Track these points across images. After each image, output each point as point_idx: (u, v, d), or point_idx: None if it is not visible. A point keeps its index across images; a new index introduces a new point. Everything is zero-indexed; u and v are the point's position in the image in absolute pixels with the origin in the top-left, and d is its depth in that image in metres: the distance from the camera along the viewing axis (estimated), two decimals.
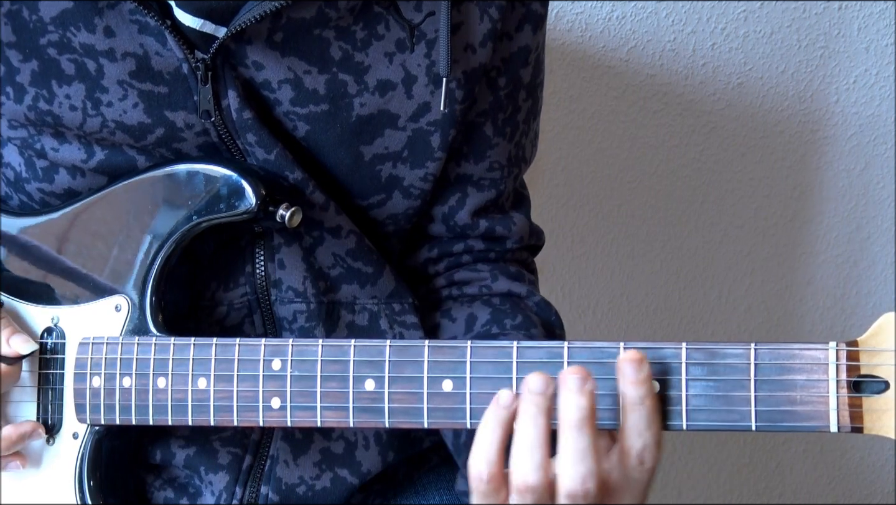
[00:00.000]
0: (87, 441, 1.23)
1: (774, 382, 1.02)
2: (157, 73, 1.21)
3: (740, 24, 2.08)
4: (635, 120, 2.08)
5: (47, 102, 1.23)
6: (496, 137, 1.33)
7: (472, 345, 1.10)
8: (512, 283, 1.36)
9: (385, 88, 1.25)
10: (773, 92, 2.12)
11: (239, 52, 1.21)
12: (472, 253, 1.37)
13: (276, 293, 1.28)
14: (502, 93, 1.31)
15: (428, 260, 1.38)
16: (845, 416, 1.01)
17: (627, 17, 2.03)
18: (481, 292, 1.36)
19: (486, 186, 1.34)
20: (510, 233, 1.37)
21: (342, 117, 1.25)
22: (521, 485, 1.04)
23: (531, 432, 1.03)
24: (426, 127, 1.27)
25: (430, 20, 1.24)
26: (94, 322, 1.23)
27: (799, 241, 2.20)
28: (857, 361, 1.01)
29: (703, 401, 1.04)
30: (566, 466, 1.03)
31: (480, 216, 1.35)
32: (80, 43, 1.21)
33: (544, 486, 1.03)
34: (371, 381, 1.13)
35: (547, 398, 1.03)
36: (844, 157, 2.17)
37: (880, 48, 2.13)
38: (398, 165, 1.28)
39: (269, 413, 1.16)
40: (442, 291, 1.38)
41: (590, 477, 1.02)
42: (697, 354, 1.04)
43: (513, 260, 1.39)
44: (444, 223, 1.35)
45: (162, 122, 1.22)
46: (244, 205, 1.20)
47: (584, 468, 1.02)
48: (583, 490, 1.02)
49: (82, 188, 1.26)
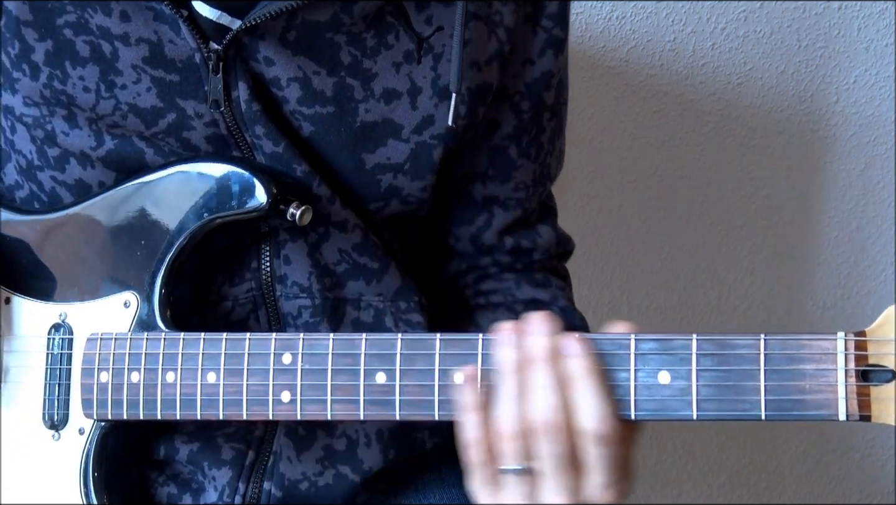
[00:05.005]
0: (93, 437, 1.23)
1: (784, 372, 1.03)
2: (170, 60, 1.22)
3: (740, 24, 2.08)
4: (635, 120, 2.08)
5: (61, 83, 1.23)
6: (521, 159, 1.35)
7: (484, 337, 1.11)
8: (536, 290, 1.38)
9: (390, 97, 1.26)
10: (773, 92, 2.12)
11: (251, 46, 1.22)
12: (499, 265, 1.40)
13: (281, 289, 1.28)
14: (526, 116, 1.33)
15: (457, 273, 1.41)
16: (853, 404, 1.02)
17: (627, 17, 2.03)
18: (506, 300, 1.38)
19: (511, 206, 1.37)
20: (536, 246, 1.40)
21: (347, 121, 1.25)
22: (505, 434, 1.08)
23: (507, 387, 1.09)
24: (429, 140, 1.28)
25: (439, 35, 1.25)
26: (102, 318, 1.24)
27: (799, 241, 2.20)
28: (865, 350, 1.02)
29: (713, 391, 1.05)
30: (538, 400, 1.07)
31: (507, 234, 1.38)
32: (96, 25, 1.22)
33: (524, 432, 1.08)
34: (382, 374, 1.13)
35: (521, 349, 1.08)
36: (844, 157, 2.17)
37: (880, 48, 2.13)
38: (398, 176, 1.29)
39: (280, 407, 1.16)
40: (469, 301, 1.40)
41: (560, 409, 1.06)
42: (708, 344, 1.06)
43: (540, 269, 1.41)
44: (472, 243, 1.38)
45: (173, 108, 1.23)
46: (256, 202, 1.21)
47: (553, 400, 1.07)
48: (555, 418, 1.06)
49: (93, 181, 1.26)
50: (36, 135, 1.27)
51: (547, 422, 1.06)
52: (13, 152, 1.30)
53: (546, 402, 1.07)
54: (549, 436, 1.07)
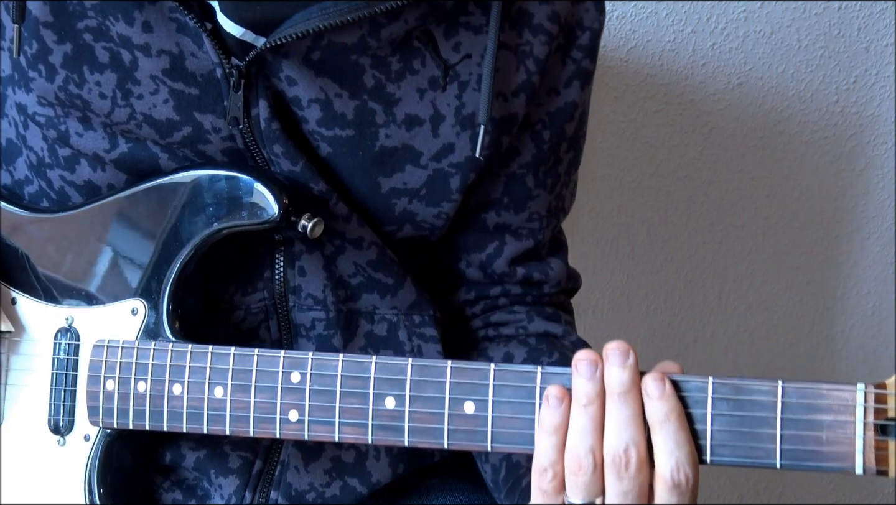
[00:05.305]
0: (99, 444, 1.22)
1: (801, 422, 1.02)
2: (190, 73, 1.21)
3: (740, 24, 2.08)
4: (635, 120, 2.08)
5: (77, 87, 1.23)
6: (537, 189, 1.33)
7: (496, 368, 1.09)
8: (548, 323, 1.37)
9: (412, 123, 1.24)
10: (773, 92, 2.12)
11: (274, 63, 1.20)
12: (510, 296, 1.38)
13: (294, 300, 1.27)
14: (546, 146, 1.31)
15: (465, 302, 1.39)
16: (871, 458, 1.01)
17: (627, 17, 2.02)
18: (517, 333, 1.37)
19: (524, 236, 1.35)
20: (547, 278, 1.38)
21: (366, 145, 1.24)
22: (575, 466, 1.04)
23: (582, 419, 1.05)
24: (447, 168, 1.26)
25: (466, 62, 1.24)
26: (109, 325, 1.23)
27: (798, 241, 2.20)
28: (885, 404, 1.01)
29: (728, 436, 1.04)
30: (610, 435, 1.04)
31: (518, 264, 1.36)
32: (117, 33, 1.21)
33: (594, 466, 1.04)
34: (391, 398, 1.12)
35: (596, 382, 1.04)
36: (844, 157, 2.17)
37: (880, 48, 2.13)
38: (414, 202, 1.28)
39: (287, 426, 1.15)
40: (479, 332, 1.38)
41: (632, 445, 1.03)
42: (724, 388, 1.04)
43: (549, 303, 1.40)
44: (482, 270, 1.36)
45: (190, 121, 1.22)
46: (267, 214, 1.20)
47: (626, 435, 1.03)
48: (625, 457, 1.03)
49: (102, 183, 1.26)
50: (48, 134, 1.26)
51: (618, 458, 1.04)
52: (24, 147, 1.29)
53: (619, 438, 1.04)
54: (618, 473, 1.04)
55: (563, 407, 1.05)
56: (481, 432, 1.10)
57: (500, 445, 1.09)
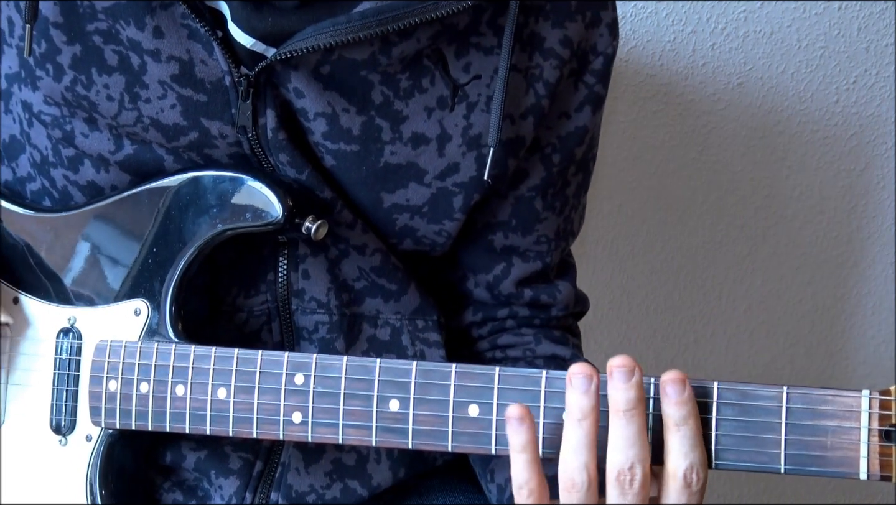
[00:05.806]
0: (101, 444, 1.22)
1: (806, 427, 1.02)
2: (199, 80, 1.21)
3: (740, 24, 2.08)
4: (635, 120, 2.08)
5: (85, 88, 1.23)
6: (545, 212, 1.33)
7: (501, 372, 1.10)
8: (556, 346, 1.37)
9: (418, 142, 1.24)
10: (773, 92, 2.12)
11: (283, 74, 1.20)
12: (517, 319, 1.38)
13: (297, 302, 1.27)
14: (555, 169, 1.31)
15: (472, 323, 1.39)
16: (875, 464, 1.02)
17: (627, 17, 2.02)
18: (525, 355, 1.37)
19: (531, 258, 1.35)
20: (555, 301, 1.37)
21: (370, 161, 1.24)
22: (568, 483, 1.04)
23: (576, 434, 1.04)
24: (451, 187, 1.26)
25: (475, 83, 1.23)
26: (111, 325, 1.23)
27: (799, 241, 2.20)
28: (890, 410, 1.01)
29: (733, 441, 1.04)
30: (614, 452, 1.04)
31: (525, 286, 1.36)
32: (127, 37, 1.21)
33: (588, 483, 1.04)
34: (395, 401, 1.12)
35: (591, 396, 1.04)
36: (844, 157, 2.17)
37: (880, 48, 2.13)
38: (415, 218, 1.28)
39: (290, 427, 1.15)
40: (486, 354, 1.38)
41: (637, 463, 1.03)
42: (729, 393, 1.04)
43: (557, 326, 1.39)
44: (489, 291, 1.36)
45: (197, 127, 1.22)
46: (271, 216, 1.20)
47: (631, 453, 1.03)
48: (630, 474, 1.03)
49: (105, 184, 1.26)
50: (53, 133, 1.26)
51: (622, 475, 1.04)
52: (28, 145, 1.29)
53: (625, 455, 1.03)
54: (622, 490, 1.04)
55: (524, 427, 1.05)
56: (485, 435, 1.10)
57: (504, 448, 1.09)
